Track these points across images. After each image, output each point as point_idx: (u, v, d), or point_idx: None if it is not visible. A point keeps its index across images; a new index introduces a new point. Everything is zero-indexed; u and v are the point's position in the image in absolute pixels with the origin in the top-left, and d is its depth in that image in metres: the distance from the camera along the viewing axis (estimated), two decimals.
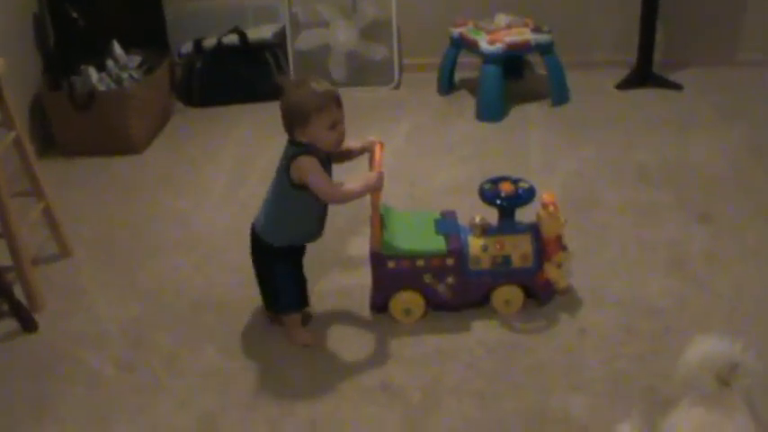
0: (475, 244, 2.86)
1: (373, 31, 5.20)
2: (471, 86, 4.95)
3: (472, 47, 4.71)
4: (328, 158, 2.69)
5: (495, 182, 2.97)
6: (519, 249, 2.87)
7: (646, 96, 4.96)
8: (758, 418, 1.97)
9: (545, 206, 2.85)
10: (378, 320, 2.92)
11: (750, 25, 5.36)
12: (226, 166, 4.22)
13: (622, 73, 5.13)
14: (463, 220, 2.97)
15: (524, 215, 2.96)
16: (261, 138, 4.52)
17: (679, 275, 3.12)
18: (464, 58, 4.96)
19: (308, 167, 2.60)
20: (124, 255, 3.48)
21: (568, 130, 4.49)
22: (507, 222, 2.92)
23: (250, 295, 3.06)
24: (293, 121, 2.61)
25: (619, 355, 2.71)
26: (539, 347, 2.77)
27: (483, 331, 2.86)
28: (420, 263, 2.82)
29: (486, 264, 2.86)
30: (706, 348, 1.97)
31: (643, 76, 5.10)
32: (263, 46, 5.10)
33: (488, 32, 4.69)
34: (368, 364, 2.72)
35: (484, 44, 4.58)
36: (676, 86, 5.05)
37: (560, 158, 4.12)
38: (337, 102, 2.63)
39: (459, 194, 3.70)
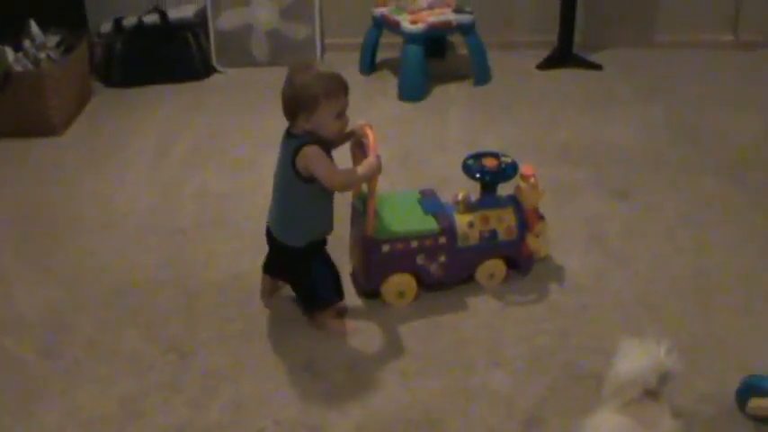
0: (462, 221, 2.88)
1: (295, 10, 5.17)
2: (394, 66, 4.95)
3: (394, 27, 4.71)
4: (328, 146, 2.62)
5: (478, 157, 2.98)
6: (503, 222, 2.91)
7: (566, 76, 5.02)
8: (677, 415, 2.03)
9: (525, 178, 2.91)
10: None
11: (667, 7, 5.46)
12: (147, 148, 4.15)
13: (543, 53, 5.18)
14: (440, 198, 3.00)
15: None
16: (182, 119, 4.47)
17: (598, 252, 3.17)
18: (386, 38, 4.95)
19: (313, 156, 2.52)
20: (43, 238, 3.40)
21: (490, 109, 4.52)
22: (489, 197, 2.96)
23: (172, 277, 3.03)
24: (299, 105, 2.52)
25: (540, 330, 2.75)
26: (461, 325, 2.79)
27: (405, 310, 2.87)
28: (414, 244, 2.81)
29: (474, 239, 2.88)
30: (635, 365, 1.99)
31: (563, 56, 5.16)
32: (184, 26, 5.02)
33: (410, 13, 4.69)
34: (293, 345, 2.71)
35: (406, 24, 4.59)
36: (596, 67, 5.12)
37: (482, 137, 4.14)
38: (346, 89, 2.57)
39: (388, 174, 3.69)
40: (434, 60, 5.00)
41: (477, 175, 2.93)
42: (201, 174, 3.84)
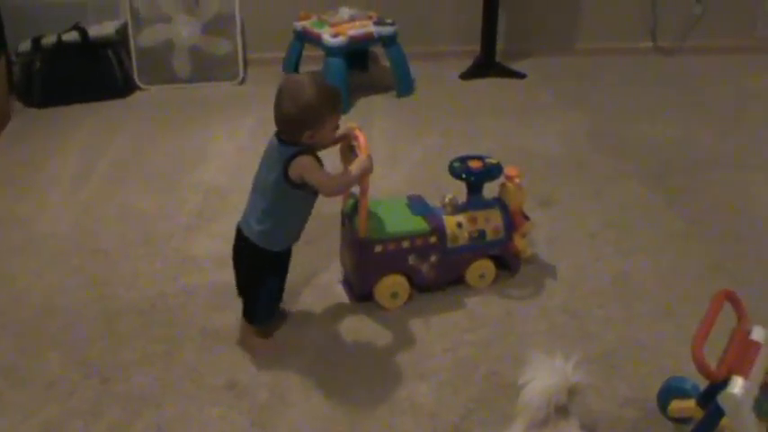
0: (450, 222, 2.95)
1: (216, 25, 5.15)
2: None
3: (316, 40, 4.71)
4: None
5: (464, 160, 3.06)
6: (491, 223, 3.00)
7: (490, 85, 5.07)
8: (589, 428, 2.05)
9: (510, 179, 3.01)
10: (226, 319, 2.89)
11: (588, 15, 5.55)
12: (68, 168, 4.09)
13: (467, 63, 5.24)
14: (432, 202, 3.05)
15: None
16: (104, 137, 4.41)
17: (522, 260, 3.19)
18: (309, 52, 4.94)
19: (308, 166, 2.52)
20: None
21: (414, 120, 4.55)
22: (476, 198, 3.03)
23: (94, 299, 2.99)
24: (306, 124, 2.50)
25: (463, 341, 2.76)
26: (385, 339, 2.80)
27: (328, 324, 2.87)
28: (405, 244, 2.88)
29: (463, 240, 2.96)
30: (543, 384, 2.00)
31: (487, 65, 5.22)
32: (104, 43, 4.96)
33: (332, 26, 4.70)
34: (216, 365, 2.69)
35: (327, 37, 4.59)
36: (519, 75, 5.18)
37: (405, 149, 4.17)
38: (341, 101, 2.63)
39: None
40: (357, 73, 5.01)
41: (464, 176, 3.00)
42: (124, 193, 3.80)
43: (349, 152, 2.75)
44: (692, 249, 3.29)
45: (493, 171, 3.02)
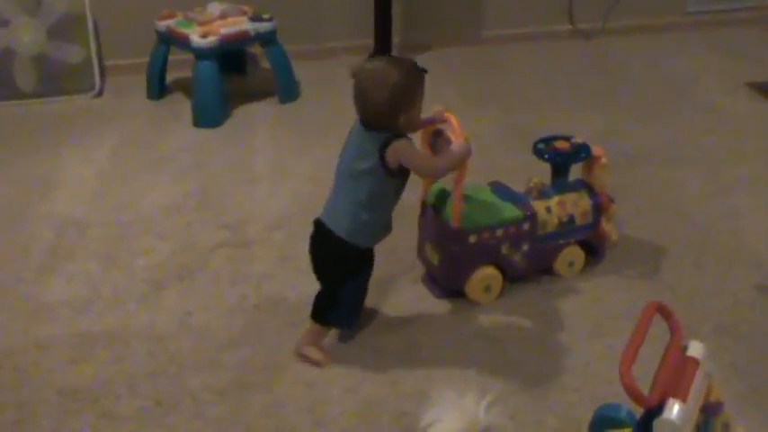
0: (539, 207, 3.11)
1: (65, 29, 5.04)
2: (186, 88, 4.91)
3: (183, 42, 4.66)
4: None
5: (548, 140, 3.22)
6: (579, 207, 3.17)
7: None
8: None
9: (597, 159, 3.16)
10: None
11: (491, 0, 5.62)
12: None
13: (359, 60, 5.23)
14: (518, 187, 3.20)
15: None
16: None
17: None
18: (177, 55, 4.89)
19: (406, 149, 2.64)
20: None
21: (300, 129, 4.55)
22: (562, 181, 3.21)
23: None
24: (399, 105, 2.61)
25: (366, 380, 2.75)
26: (274, 384, 2.76)
27: (206, 374, 2.81)
28: (499, 233, 3.02)
29: (552, 226, 3.13)
30: (448, 428, 2.00)
31: None
32: None
33: (200, 24, 4.65)
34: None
35: (195, 38, 4.54)
36: (419, 70, 5.20)
37: (291, 162, 4.16)
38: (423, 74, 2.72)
39: (176, 214, 3.67)
40: (233, 77, 5.00)
41: (546, 157, 3.18)
42: None
43: (435, 138, 2.91)
44: (621, 256, 3.33)
45: (582, 151, 3.17)
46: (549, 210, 3.12)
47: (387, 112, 2.62)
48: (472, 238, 2.98)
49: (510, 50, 5.52)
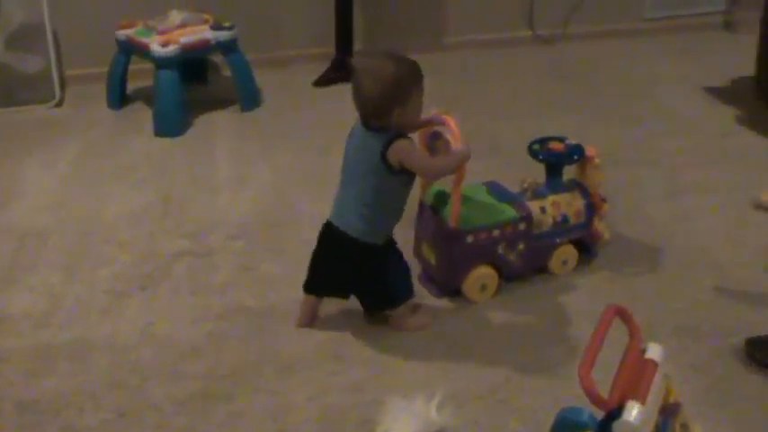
0: (534, 207, 3.18)
1: (23, 38, 5.04)
2: (147, 97, 4.88)
3: (143, 50, 4.64)
4: None
5: (543, 141, 3.31)
6: (573, 206, 3.24)
7: (347, 91, 5.02)
8: None
9: (590, 159, 3.24)
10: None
11: (456, 5, 5.65)
12: None
13: (321, 68, 5.24)
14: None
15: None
16: None
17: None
18: (137, 65, 4.87)
19: (407, 149, 2.71)
20: None
21: (261, 137, 4.54)
22: (556, 181, 3.29)
23: None
24: (393, 99, 2.65)
25: (329, 387, 2.74)
26: (237, 393, 2.74)
27: (169, 384, 2.79)
28: (496, 233, 3.08)
29: (547, 225, 3.20)
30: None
31: (343, 69, 5.21)
32: None
33: (160, 33, 4.63)
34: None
35: (155, 47, 4.53)
36: None
37: (253, 170, 4.15)
38: (422, 74, 2.76)
39: (138, 224, 3.66)
40: (195, 86, 4.98)
41: (541, 157, 3.26)
42: None
43: (433, 140, 2.96)
44: (583, 258, 3.35)
45: (575, 152, 3.25)
46: (543, 210, 3.19)
47: (380, 106, 2.67)
48: (469, 239, 3.05)
49: (471, 57, 5.54)
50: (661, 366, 2.13)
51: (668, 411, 2.12)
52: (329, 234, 2.89)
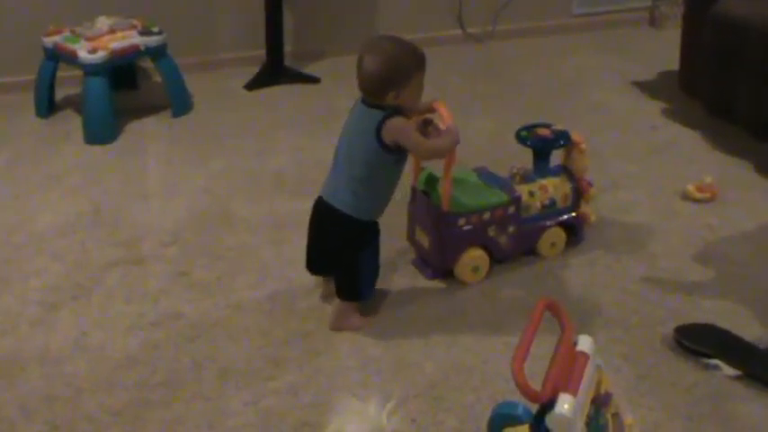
0: (523, 191, 3.28)
1: None
2: (77, 105, 4.82)
3: (71, 58, 4.57)
4: None
5: (531, 128, 3.42)
6: (560, 191, 3.37)
7: (280, 94, 5.08)
8: None
9: (576, 144, 3.36)
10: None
11: (386, 5, 5.68)
12: None
13: (252, 71, 5.22)
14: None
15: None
16: None
17: (327, 290, 3.20)
18: (66, 72, 4.81)
19: (402, 127, 2.78)
20: None
21: (194, 142, 4.50)
22: (543, 166, 3.40)
23: None
24: (393, 80, 2.75)
25: (266, 391, 2.74)
26: (173, 401, 2.72)
27: (103, 395, 2.76)
28: (486, 216, 3.18)
29: (535, 209, 3.33)
30: None
31: (275, 71, 5.22)
32: None
33: (88, 39, 4.57)
34: None
35: (83, 53, 4.47)
36: (312, 79, 5.22)
37: (186, 176, 4.12)
38: (425, 60, 2.84)
39: (69, 233, 3.62)
40: (125, 92, 4.91)
41: (529, 143, 3.36)
42: None
43: (425, 127, 3.01)
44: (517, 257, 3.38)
45: (562, 138, 3.37)
46: (532, 194, 3.31)
47: (377, 84, 2.77)
48: (461, 222, 3.14)
49: None
50: (592, 358, 2.15)
51: (600, 401, 2.15)
52: (320, 210, 2.96)
